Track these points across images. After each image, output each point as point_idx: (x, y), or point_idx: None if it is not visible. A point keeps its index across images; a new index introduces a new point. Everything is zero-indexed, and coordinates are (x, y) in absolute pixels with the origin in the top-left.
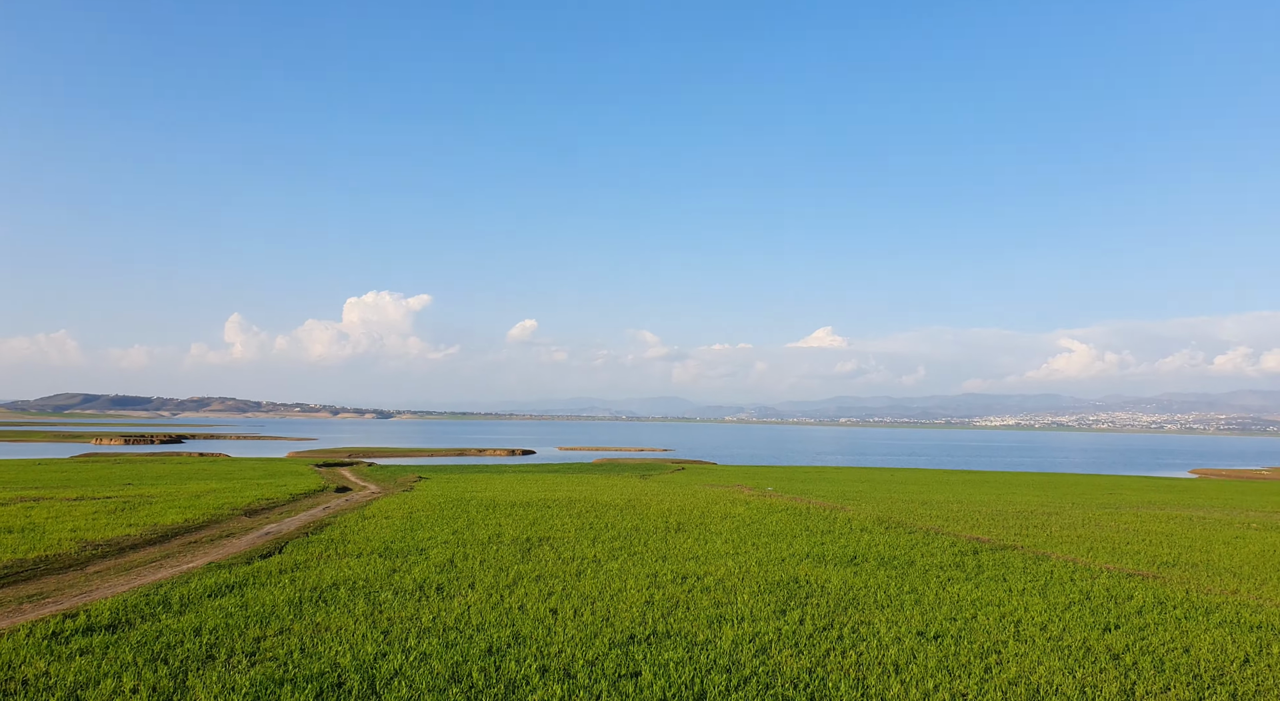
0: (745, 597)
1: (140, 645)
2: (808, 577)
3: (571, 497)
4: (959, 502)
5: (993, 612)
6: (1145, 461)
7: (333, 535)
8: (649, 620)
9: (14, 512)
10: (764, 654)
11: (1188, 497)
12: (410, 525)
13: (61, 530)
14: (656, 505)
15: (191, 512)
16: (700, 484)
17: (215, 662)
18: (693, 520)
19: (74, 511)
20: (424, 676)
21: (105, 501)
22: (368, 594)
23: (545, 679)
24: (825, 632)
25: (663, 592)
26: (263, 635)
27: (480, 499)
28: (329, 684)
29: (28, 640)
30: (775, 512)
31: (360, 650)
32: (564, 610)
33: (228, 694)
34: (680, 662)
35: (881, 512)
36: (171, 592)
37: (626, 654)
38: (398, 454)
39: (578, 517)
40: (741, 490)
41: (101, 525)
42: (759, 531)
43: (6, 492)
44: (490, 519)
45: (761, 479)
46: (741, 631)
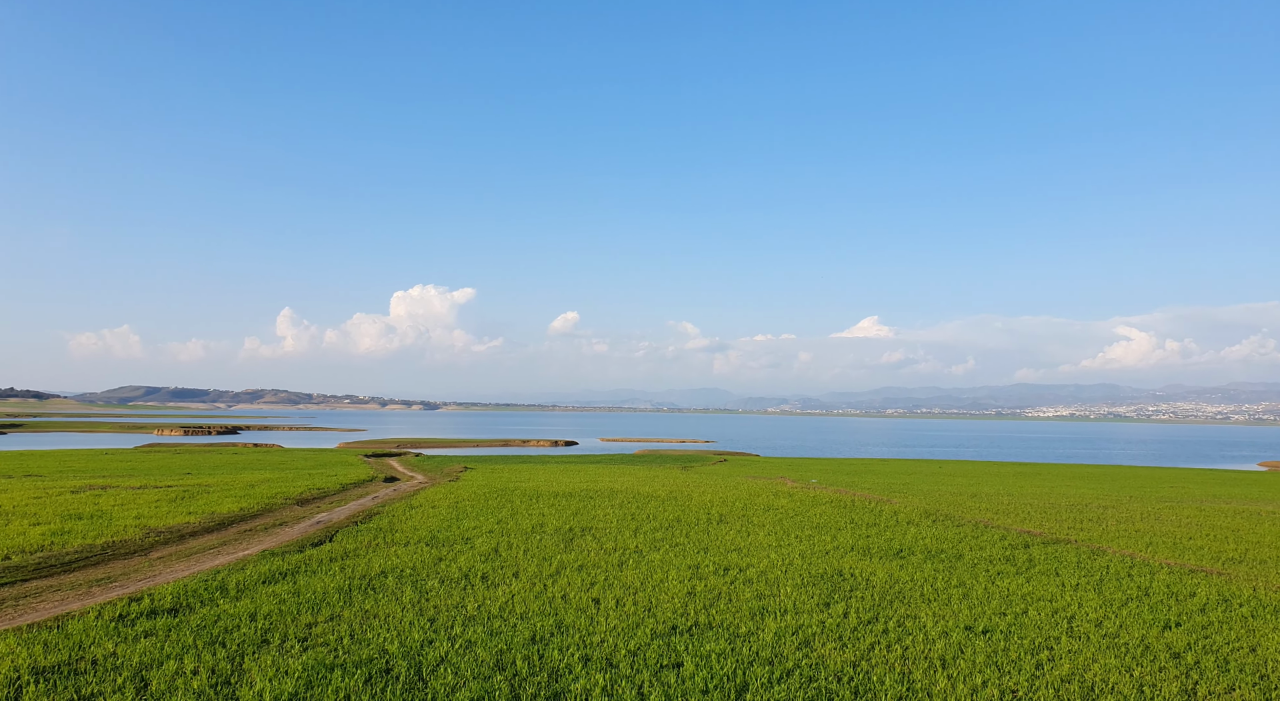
0: (788, 590)
1: (200, 628)
2: (852, 570)
3: (613, 488)
4: (1009, 495)
5: (1044, 608)
6: (1210, 454)
7: (381, 524)
8: (691, 611)
9: (84, 500)
10: (807, 647)
11: (1255, 491)
12: (456, 514)
13: (127, 517)
14: (698, 496)
15: (247, 501)
16: (743, 475)
17: (269, 647)
18: (735, 512)
19: (138, 499)
20: (469, 664)
21: (167, 490)
22: (415, 582)
23: (588, 668)
24: (870, 626)
25: (705, 584)
26: (314, 621)
27: (524, 489)
28: (377, 669)
29: (97, 621)
30: (819, 505)
31: (407, 637)
32: (606, 600)
33: (281, 677)
34: (722, 654)
35: (929, 505)
36: (229, 578)
37: (668, 644)
38: (444, 444)
39: (620, 508)
40: (785, 482)
41: (163, 513)
42: (803, 524)
43: (77, 481)
44: (534, 509)
45: (805, 471)
46: (784, 624)
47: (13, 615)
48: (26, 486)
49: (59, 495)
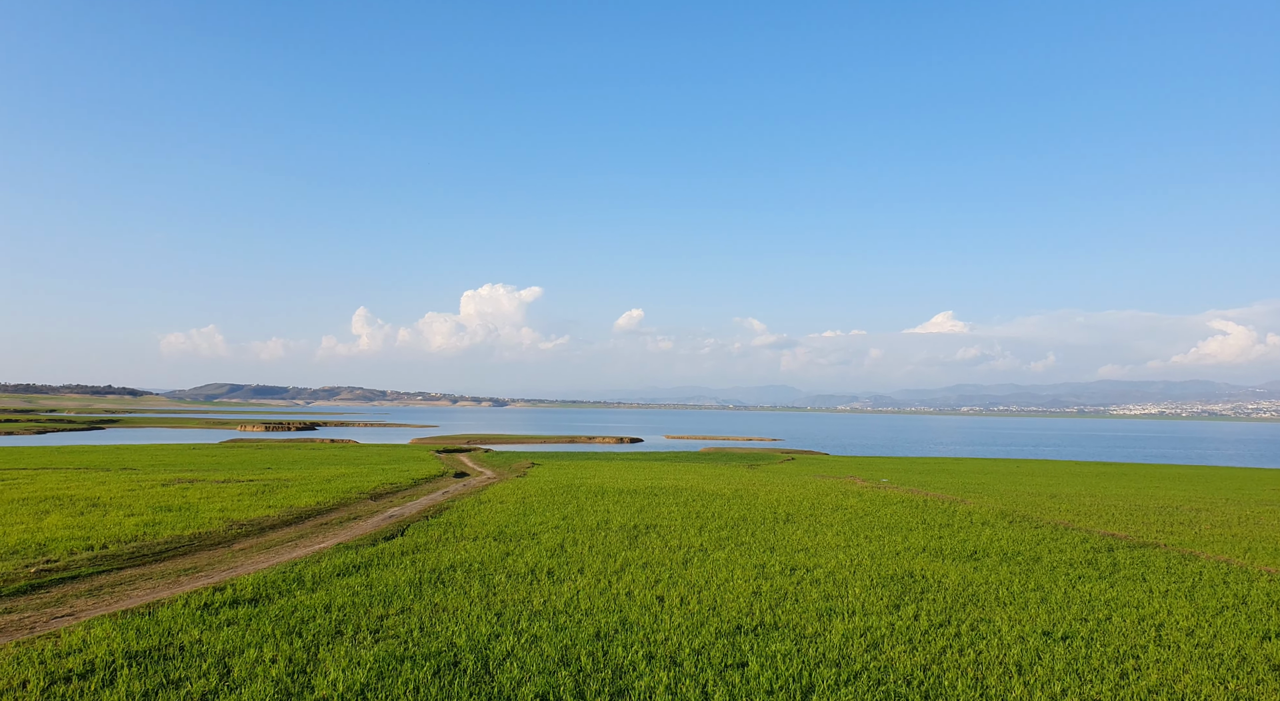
0: (857, 591)
1: (278, 618)
2: (924, 572)
3: (678, 486)
4: (1092, 496)
5: (1130, 614)
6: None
7: (451, 519)
8: (756, 611)
9: (173, 493)
10: (875, 649)
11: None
12: (523, 510)
13: (212, 510)
14: (765, 495)
15: (323, 496)
16: (810, 474)
17: (343, 638)
18: (802, 511)
19: (222, 492)
20: (535, 658)
21: (249, 484)
22: (482, 576)
23: (652, 666)
24: (941, 629)
25: (770, 584)
26: (385, 613)
27: (589, 485)
28: (446, 662)
29: (184, 609)
30: (890, 505)
31: (475, 631)
32: (670, 598)
33: (354, 668)
34: (788, 655)
35: (1005, 506)
36: (305, 571)
37: (733, 644)
38: (512, 441)
39: (684, 506)
40: (854, 481)
41: (245, 506)
42: (872, 524)
43: (167, 474)
44: (599, 505)
45: (875, 470)
46: (852, 625)
47: (110, 601)
48: (122, 479)
49: (151, 488)
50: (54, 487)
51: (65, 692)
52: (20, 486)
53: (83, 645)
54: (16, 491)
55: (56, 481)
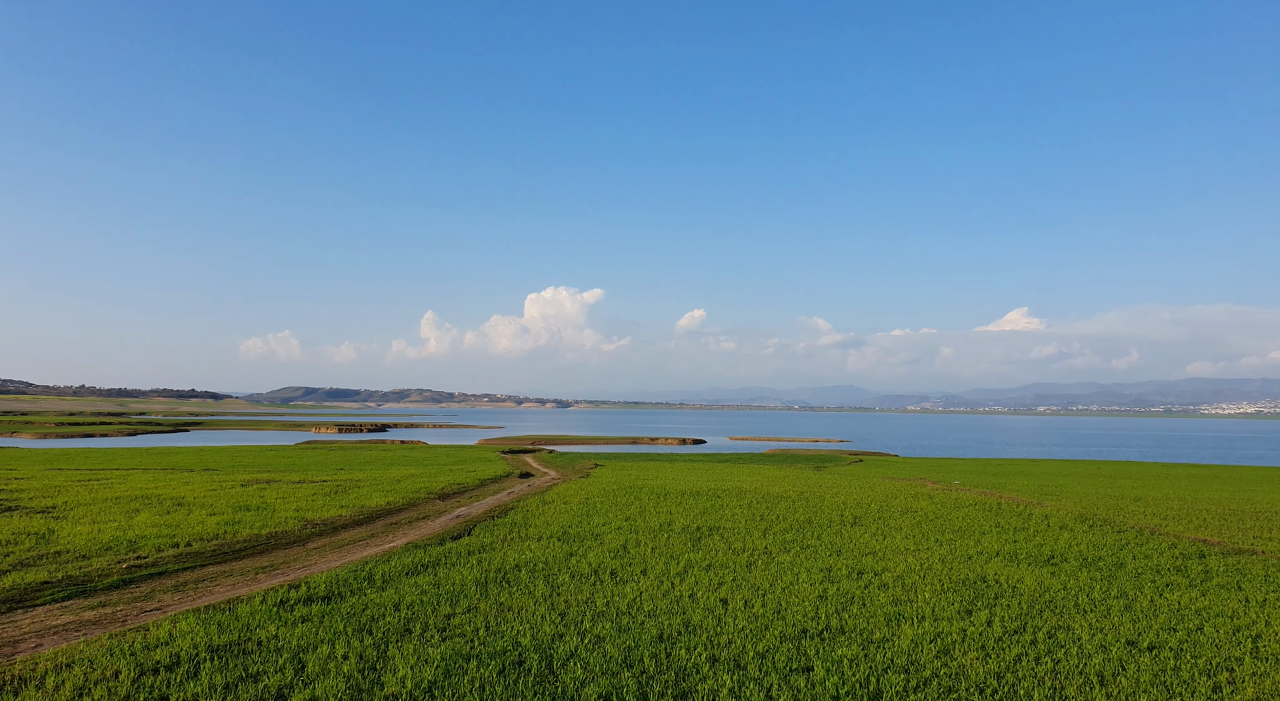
0: (927, 596)
1: (349, 616)
2: (997, 577)
3: (742, 488)
4: (1180, 500)
5: (1223, 625)
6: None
7: (516, 519)
8: (822, 615)
9: (251, 493)
10: (946, 655)
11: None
12: (586, 511)
13: (287, 509)
14: (831, 497)
15: (393, 496)
16: (879, 476)
17: (411, 636)
18: (870, 514)
19: (297, 493)
20: (598, 659)
21: (322, 484)
22: (547, 576)
23: (715, 668)
24: (1016, 636)
25: (837, 587)
26: (452, 612)
27: (652, 487)
28: (510, 661)
29: (261, 606)
30: (962, 507)
31: (539, 630)
32: (734, 601)
33: (422, 665)
34: (855, 660)
35: (1085, 509)
36: (375, 569)
37: (798, 648)
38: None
39: (748, 508)
40: (925, 483)
41: (319, 506)
42: (943, 527)
43: (246, 475)
44: (662, 507)
45: (947, 472)
46: (922, 631)
47: (193, 597)
48: (205, 479)
49: (231, 488)
50: (143, 487)
51: (153, 683)
52: (113, 486)
53: (169, 638)
54: (110, 491)
55: (146, 481)
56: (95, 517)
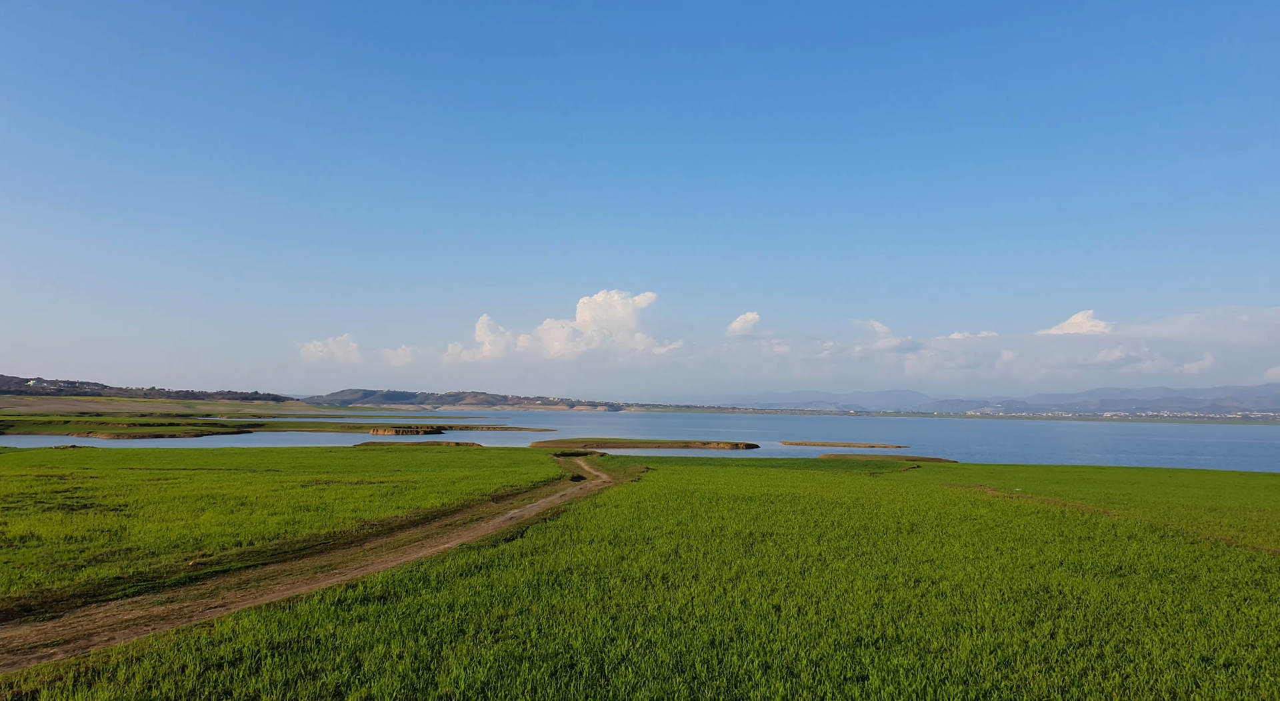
0: (986, 605)
1: (405, 616)
2: (1061, 587)
3: (795, 493)
4: (1259, 510)
5: None
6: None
7: (568, 521)
8: (877, 623)
9: (311, 493)
10: (1007, 667)
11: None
12: (638, 515)
13: (345, 510)
14: (887, 504)
15: (448, 497)
16: (937, 483)
17: (465, 636)
18: (928, 521)
19: (355, 494)
20: (649, 664)
21: (379, 485)
22: (598, 580)
23: (768, 676)
24: (1082, 649)
25: (893, 595)
26: (505, 614)
27: (704, 491)
28: (562, 664)
29: (320, 604)
30: (1023, 515)
31: (591, 634)
32: (787, 607)
33: (475, 666)
34: (911, 670)
35: (1154, 519)
36: (430, 570)
37: (853, 656)
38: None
39: (802, 514)
40: (984, 490)
41: (376, 506)
42: (1004, 535)
43: (306, 476)
44: (714, 511)
45: (1008, 479)
46: (981, 641)
47: (255, 594)
48: (266, 480)
49: (291, 488)
50: (209, 487)
51: (217, 678)
52: (180, 485)
53: (232, 634)
54: (177, 490)
55: (211, 481)
56: (164, 516)
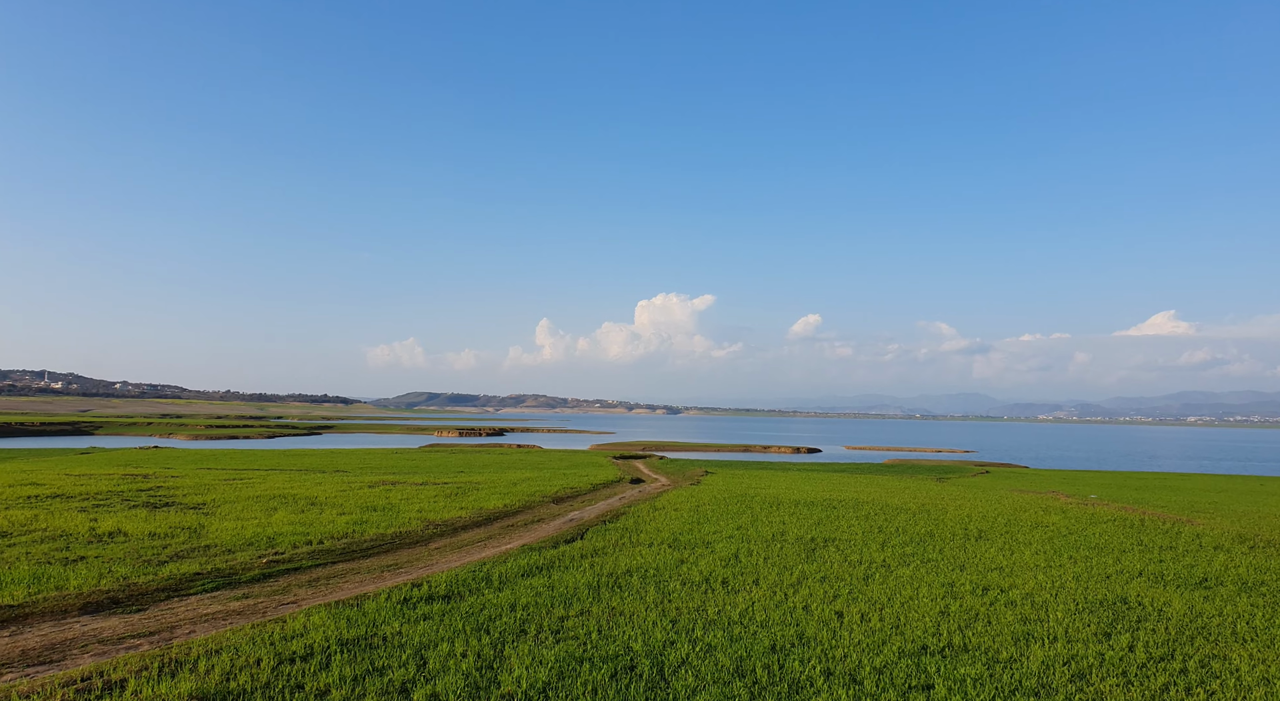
0: (1059, 615)
1: (468, 615)
2: (1140, 598)
3: (859, 499)
4: None
5: None
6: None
7: (627, 524)
8: (943, 631)
9: (378, 494)
10: (1081, 680)
11: None
12: (697, 518)
13: (410, 510)
14: (954, 510)
15: (509, 499)
16: (1007, 488)
17: (526, 636)
18: (997, 528)
19: (420, 494)
20: (709, 667)
21: (443, 486)
22: (658, 583)
23: (830, 682)
24: (1163, 663)
25: (960, 603)
26: (566, 615)
27: (764, 496)
28: (622, 666)
29: (387, 603)
30: (1099, 523)
31: (650, 636)
32: (850, 614)
33: (536, 666)
34: (979, 679)
35: (1243, 529)
36: (492, 570)
37: (918, 664)
38: (686, 448)
39: (865, 520)
40: (1057, 497)
41: (440, 507)
42: (1078, 543)
43: (373, 477)
44: (774, 516)
45: (1082, 485)
46: (1054, 652)
47: (325, 592)
48: (335, 481)
49: (359, 489)
50: (281, 487)
51: (290, 672)
52: (254, 485)
53: (303, 630)
54: (251, 490)
55: (283, 481)
56: (239, 515)
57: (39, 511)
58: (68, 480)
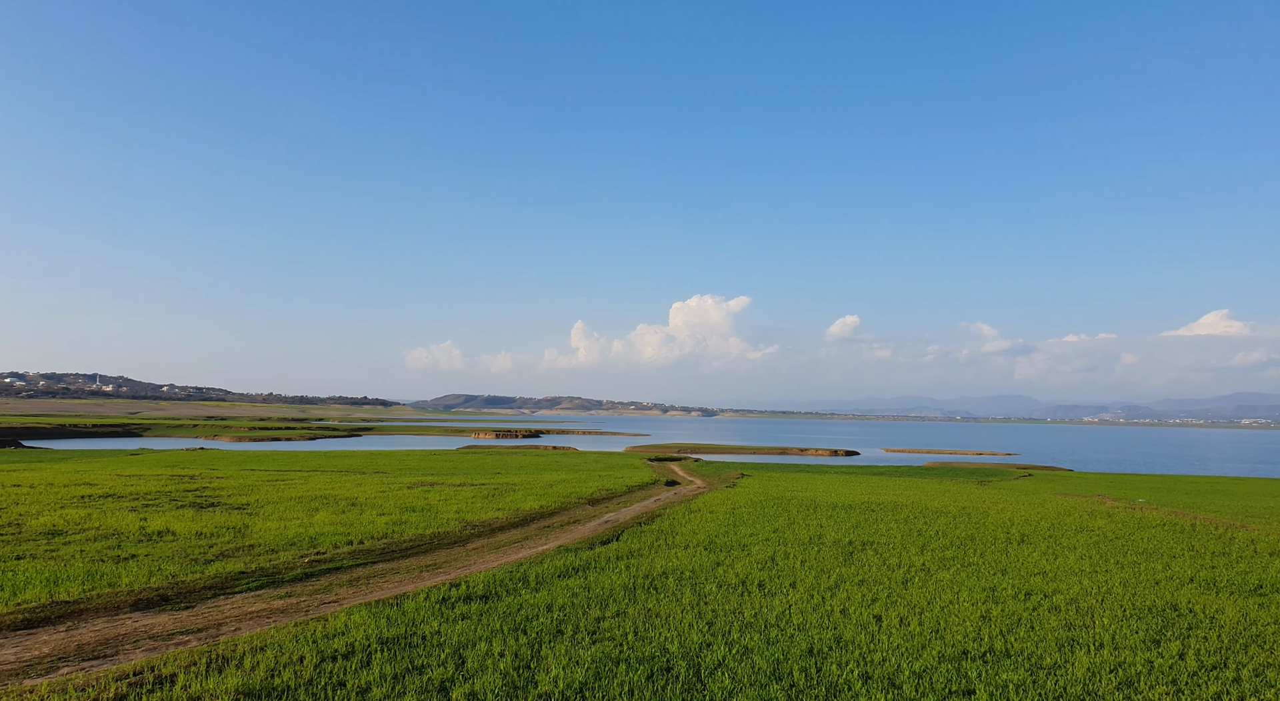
0: (1105, 621)
1: (505, 615)
2: (1191, 605)
3: (898, 502)
4: None
5: None
6: None
7: (662, 526)
8: (985, 636)
9: (416, 495)
10: (1129, 687)
11: None
12: (733, 521)
13: (449, 511)
14: (996, 513)
15: (545, 500)
16: (1050, 492)
17: (563, 637)
18: (1040, 532)
19: (458, 495)
20: (746, 670)
21: (480, 487)
22: (693, 585)
23: (868, 686)
24: (1215, 672)
25: (1001, 608)
26: (602, 616)
27: (801, 498)
28: (659, 667)
29: (426, 602)
30: (1147, 528)
31: (686, 638)
32: (889, 617)
33: (573, 667)
34: (1021, 685)
35: None
36: (529, 571)
37: (958, 669)
38: (721, 451)
39: (904, 523)
40: (1103, 500)
41: (477, 508)
42: (1125, 548)
43: (412, 478)
44: (811, 519)
45: (1129, 489)
46: (1100, 659)
47: (365, 591)
48: (375, 481)
49: (399, 490)
50: (322, 488)
51: (332, 670)
52: (296, 486)
53: (345, 629)
54: (293, 490)
55: (324, 482)
56: (281, 515)
57: (92, 510)
58: (119, 480)
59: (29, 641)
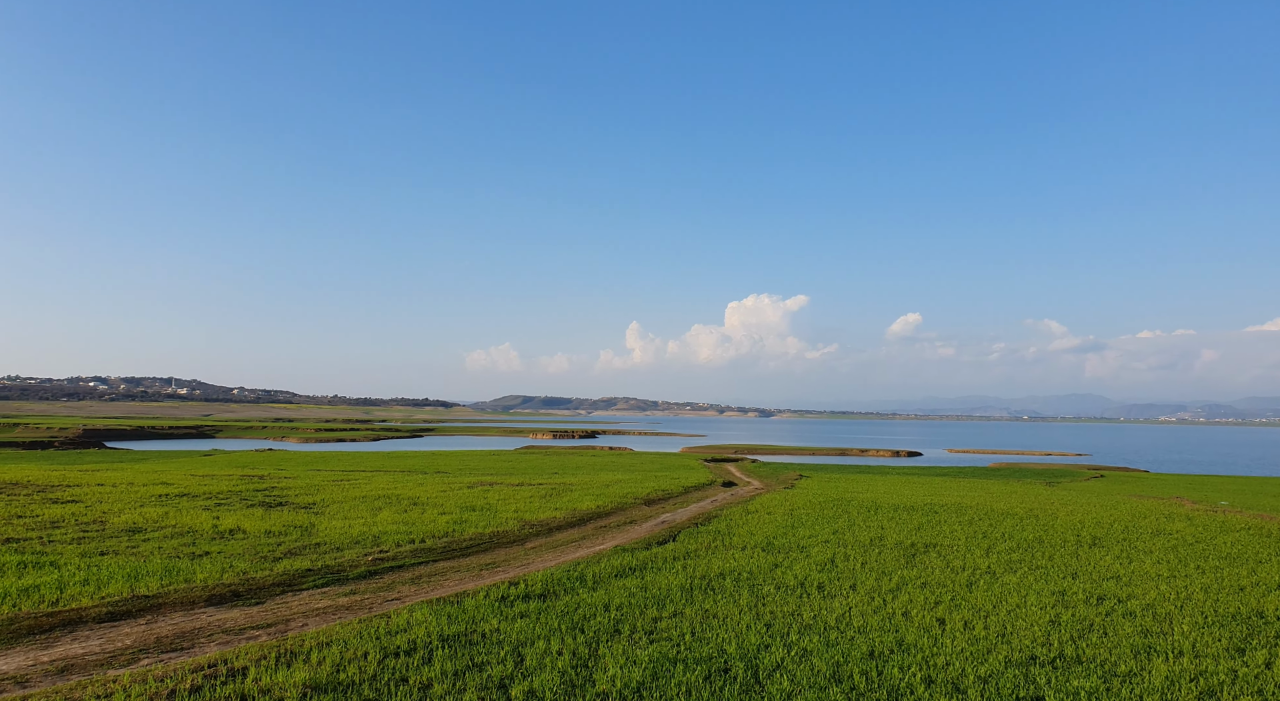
0: (1184, 628)
1: (563, 614)
2: (1278, 612)
3: (962, 503)
4: None
5: None
6: None
7: (719, 527)
8: (1054, 641)
9: (476, 494)
10: (1211, 697)
11: None
12: (791, 522)
13: (507, 510)
14: (1065, 516)
15: (602, 500)
16: (1124, 494)
17: (620, 636)
18: (1113, 535)
19: (516, 495)
20: (805, 672)
21: (539, 487)
22: (751, 586)
23: (931, 690)
24: None
25: (1072, 613)
26: (659, 616)
27: (861, 500)
28: (716, 668)
29: (485, 600)
30: (1230, 531)
31: (744, 639)
32: (952, 621)
33: (630, 666)
34: (1094, 693)
35: None
36: (586, 570)
37: (1026, 675)
38: (779, 452)
39: (969, 525)
40: (1181, 503)
41: (535, 507)
42: (1206, 553)
43: (472, 477)
44: (872, 521)
45: (1210, 491)
46: (1179, 667)
47: (426, 589)
48: (436, 481)
49: (459, 489)
50: (385, 487)
51: (395, 666)
52: (360, 486)
53: (407, 626)
54: (357, 490)
55: (387, 482)
56: (346, 514)
57: (169, 509)
58: (193, 480)
59: (112, 633)
